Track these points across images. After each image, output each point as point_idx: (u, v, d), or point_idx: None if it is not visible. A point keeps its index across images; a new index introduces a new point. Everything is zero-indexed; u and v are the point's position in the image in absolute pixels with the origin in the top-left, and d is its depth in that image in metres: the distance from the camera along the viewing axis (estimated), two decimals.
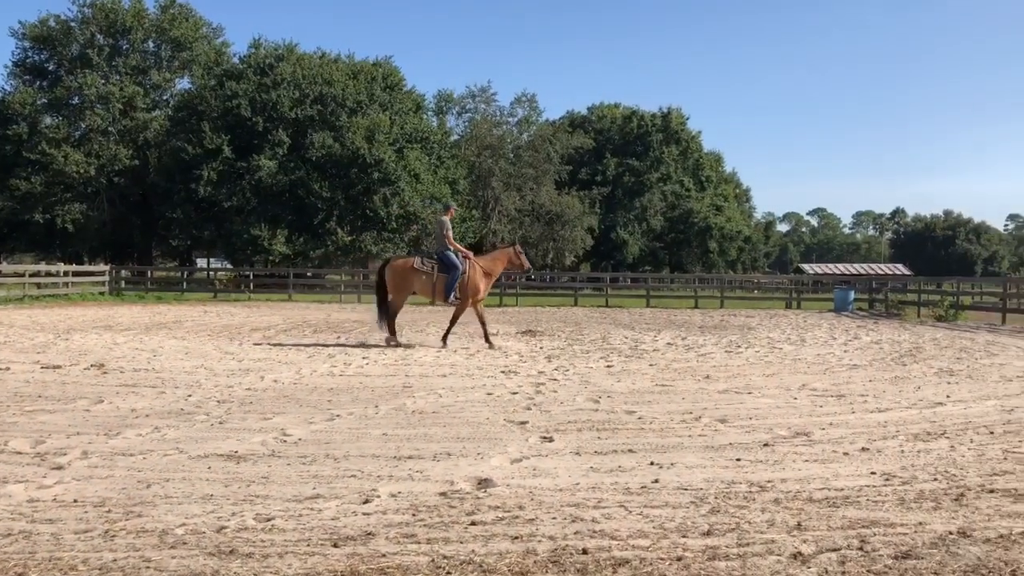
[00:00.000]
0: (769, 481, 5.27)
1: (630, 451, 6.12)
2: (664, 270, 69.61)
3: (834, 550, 3.97)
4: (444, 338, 14.74)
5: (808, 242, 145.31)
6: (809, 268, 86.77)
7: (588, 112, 71.20)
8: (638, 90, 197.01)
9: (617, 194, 65.03)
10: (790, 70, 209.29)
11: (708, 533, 4.22)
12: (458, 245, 14.87)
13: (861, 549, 3.98)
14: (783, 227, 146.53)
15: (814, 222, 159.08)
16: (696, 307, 31.79)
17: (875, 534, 4.21)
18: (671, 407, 8.08)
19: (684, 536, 4.18)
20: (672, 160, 68.42)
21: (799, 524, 4.37)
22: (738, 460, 5.85)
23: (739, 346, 15.07)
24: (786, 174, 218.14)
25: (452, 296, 14.33)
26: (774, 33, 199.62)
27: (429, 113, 54.32)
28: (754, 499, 4.86)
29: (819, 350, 14.43)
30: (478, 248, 54.35)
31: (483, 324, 14.66)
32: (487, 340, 14.36)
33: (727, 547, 4.00)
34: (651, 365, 11.83)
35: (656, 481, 5.25)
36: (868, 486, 5.17)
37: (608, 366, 11.66)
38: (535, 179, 56.70)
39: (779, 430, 6.94)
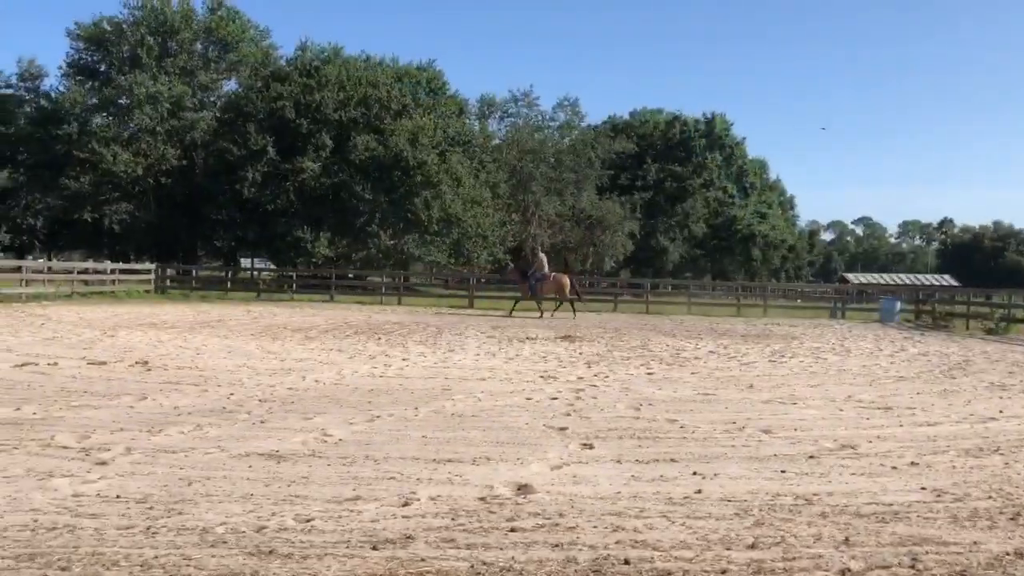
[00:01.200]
0: (815, 494, 5.15)
1: (672, 460, 6.03)
2: (706, 277, 69.14)
3: (884, 567, 3.85)
4: None
5: (853, 251, 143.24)
6: (854, 278, 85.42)
7: (630, 117, 70.90)
8: (681, 96, 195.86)
9: (658, 200, 64.62)
10: (835, 76, 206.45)
11: (753, 546, 4.13)
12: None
13: (913, 567, 3.86)
14: (828, 236, 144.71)
15: (859, 231, 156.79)
16: (738, 315, 31.44)
17: (927, 552, 4.08)
18: (714, 416, 7.96)
19: (728, 548, 4.09)
20: (715, 166, 67.88)
21: (847, 539, 4.25)
22: (783, 472, 5.74)
23: (783, 355, 14.85)
24: (830, 182, 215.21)
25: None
26: (818, 39, 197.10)
27: (471, 117, 54.52)
28: (800, 512, 4.75)
29: (865, 361, 14.16)
30: (517, 253, 54.40)
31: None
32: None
33: (772, 561, 3.91)
34: (693, 373, 11.69)
35: (699, 491, 5.15)
36: (919, 502, 5.03)
37: (649, 373, 11.55)
38: (576, 184, 56.56)
39: (825, 442, 6.79)
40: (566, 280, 27.24)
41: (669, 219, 65.05)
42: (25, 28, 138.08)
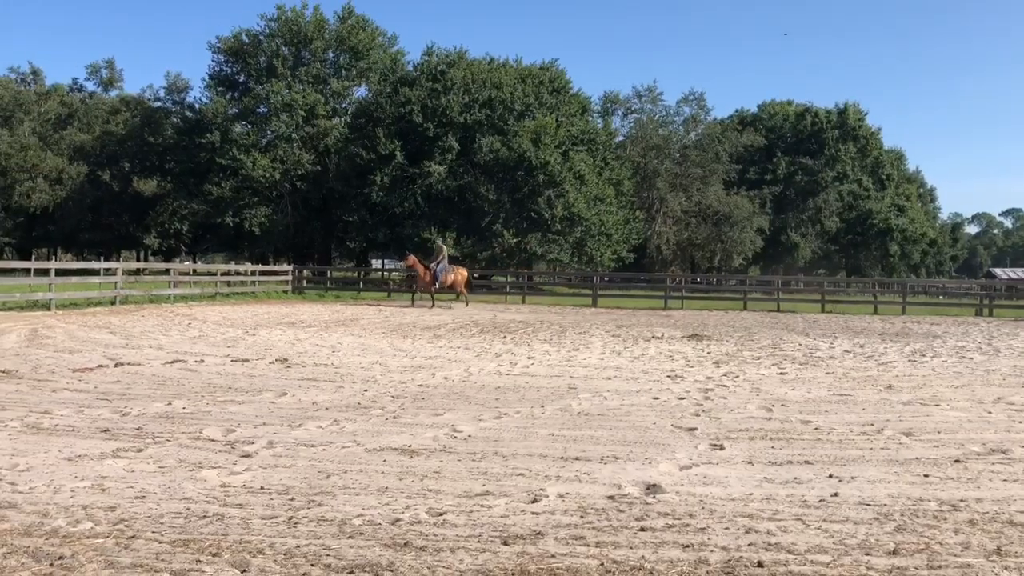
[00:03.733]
0: (962, 500, 4.90)
1: (806, 462, 5.85)
2: (840, 274, 66.72)
3: None
4: None
5: (1001, 245, 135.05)
6: (1002, 272, 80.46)
7: (758, 110, 69.09)
8: (812, 87, 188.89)
9: (789, 194, 62.76)
10: (980, 62, 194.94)
11: (894, 552, 3.97)
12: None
13: None
14: (972, 229, 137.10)
15: (1008, 223, 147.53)
16: (875, 313, 30.16)
17: None
18: (850, 418, 7.68)
19: (867, 554, 3.94)
20: (849, 158, 65.30)
21: (999, 549, 4.03)
22: (926, 476, 5.48)
23: (924, 355, 14.15)
24: (976, 172, 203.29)
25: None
26: (958, 27, 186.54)
27: (595, 115, 54.37)
28: (945, 519, 4.53)
29: (1016, 361, 13.33)
30: (642, 250, 53.86)
31: None
32: None
33: (916, 568, 3.75)
34: (827, 373, 11.30)
35: (835, 495, 4.99)
36: None
37: (781, 373, 11.24)
38: (702, 179, 55.63)
39: (972, 446, 6.45)
40: (466, 272, 28.60)
41: (800, 214, 63.07)
42: (172, 45, 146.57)
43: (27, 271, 28.71)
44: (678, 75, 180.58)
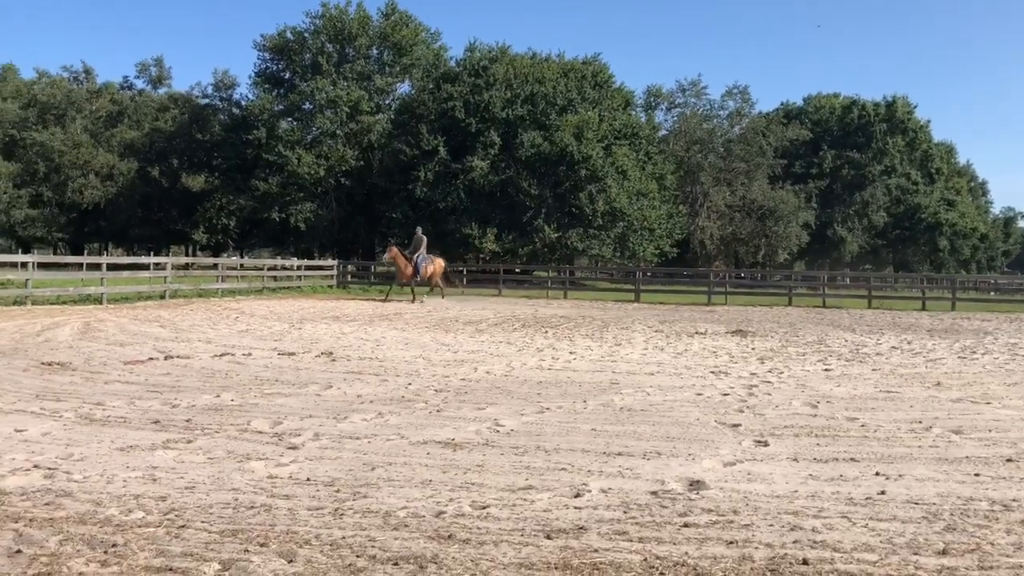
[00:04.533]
0: (1015, 500, 4.81)
1: (852, 460, 5.78)
2: (887, 269, 65.63)
3: None
4: None
5: None
6: None
7: (804, 103, 68.13)
8: (859, 79, 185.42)
9: (835, 188, 61.84)
10: None
11: (944, 552, 3.91)
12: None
13: None
14: None
15: None
16: (923, 309, 29.60)
17: None
18: (897, 415, 7.56)
19: (916, 553, 3.89)
20: (897, 152, 64.12)
21: None
22: (976, 475, 5.38)
23: (974, 352, 13.86)
24: None
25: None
26: (1010, 16, 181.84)
27: (638, 109, 54.06)
28: (997, 519, 4.45)
29: None
30: (685, 245, 53.48)
31: None
32: None
33: (967, 569, 3.69)
34: (874, 370, 11.13)
35: (882, 493, 4.92)
36: None
37: (826, 369, 11.09)
38: (746, 173, 55.07)
39: None
40: (443, 262, 27.76)
41: (847, 208, 62.11)
42: (219, 43, 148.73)
43: (80, 266, 29.32)
44: (722, 68, 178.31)
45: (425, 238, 27.28)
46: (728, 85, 72.14)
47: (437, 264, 27.23)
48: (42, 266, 27.36)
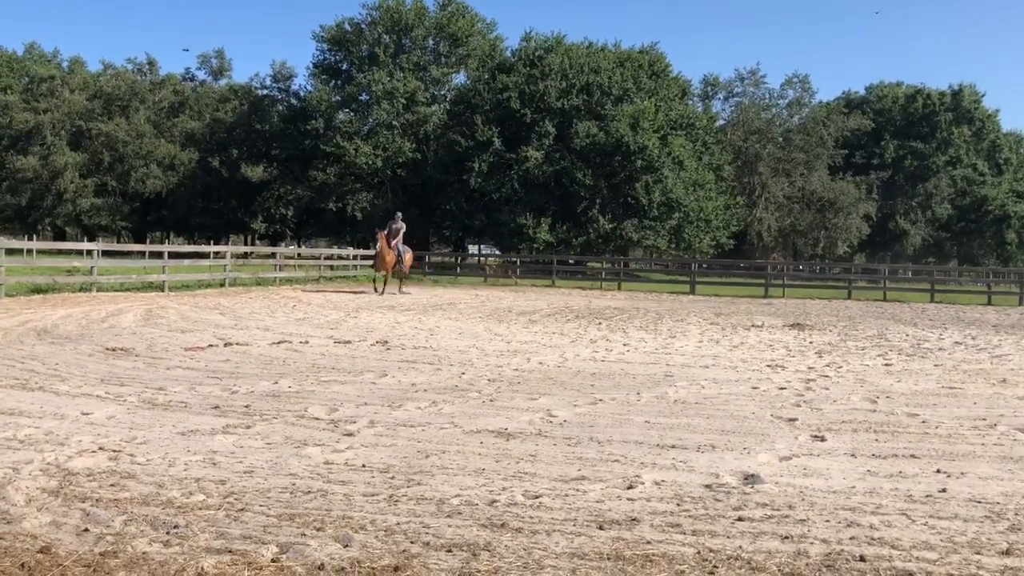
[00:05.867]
0: None
1: (912, 456, 5.66)
2: (951, 262, 63.99)
3: None
4: None
5: None
6: None
7: (866, 92, 66.67)
8: (924, 68, 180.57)
9: (897, 179, 60.43)
10: None
11: (1007, 552, 3.81)
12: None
13: None
14: None
15: None
16: (989, 304, 28.81)
17: None
18: (960, 412, 7.38)
19: (978, 553, 3.80)
20: (963, 142, 62.39)
21: None
22: None
23: None
24: None
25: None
26: None
27: (694, 98, 53.48)
28: None
29: None
30: (742, 237, 52.80)
31: None
32: None
33: None
34: (936, 365, 10.87)
35: (943, 490, 4.81)
36: None
37: (887, 364, 10.87)
38: (806, 164, 54.15)
39: None
40: (411, 253, 26.38)
41: (909, 200, 60.66)
42: (278, 35, 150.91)
43: (142, 254, 30.02)
44: (782, 57, 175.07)
45: (404, 226, 25.73)
46: (787, 74, 70.96)
47: (410, 254, 26.03)
48: (106, 254, 28.09)
